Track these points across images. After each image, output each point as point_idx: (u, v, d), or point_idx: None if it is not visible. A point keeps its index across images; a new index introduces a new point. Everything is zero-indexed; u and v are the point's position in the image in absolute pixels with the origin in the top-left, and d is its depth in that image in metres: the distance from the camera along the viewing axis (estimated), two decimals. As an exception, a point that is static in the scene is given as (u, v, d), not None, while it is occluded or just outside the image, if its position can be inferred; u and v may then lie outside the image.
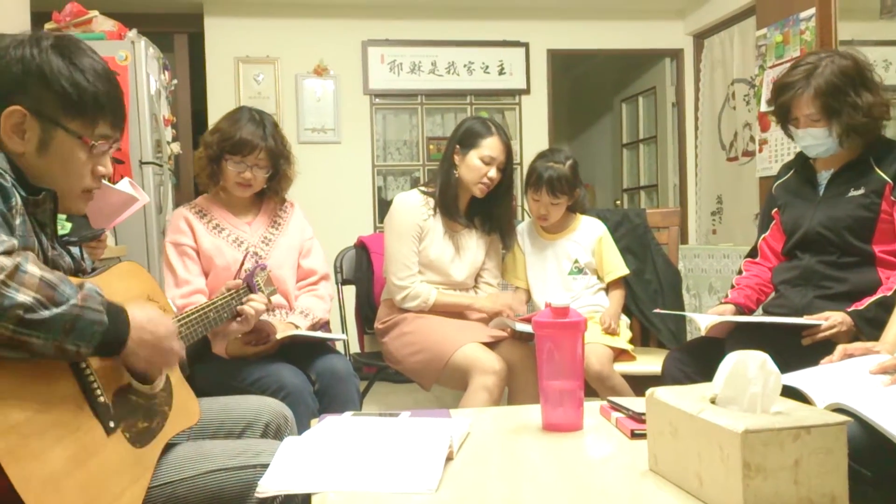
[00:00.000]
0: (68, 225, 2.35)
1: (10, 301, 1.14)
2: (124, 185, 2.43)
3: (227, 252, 2.61)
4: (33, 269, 1.19)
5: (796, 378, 1.68)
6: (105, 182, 1.80)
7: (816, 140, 2.37)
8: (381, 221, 5.45)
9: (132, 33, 4.02)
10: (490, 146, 2.85)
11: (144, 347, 1.38)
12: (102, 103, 1.46)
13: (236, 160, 2.59)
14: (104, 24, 3.98)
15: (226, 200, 2.71)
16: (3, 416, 1.14)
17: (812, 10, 4.35)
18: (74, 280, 1.27)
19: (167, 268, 2.61)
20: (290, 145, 2.75)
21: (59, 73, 1.42)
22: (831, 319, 2.19)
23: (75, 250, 1.63)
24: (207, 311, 1.84)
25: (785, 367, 1.34)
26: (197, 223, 2.64)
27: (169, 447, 1.55)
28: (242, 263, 2.27)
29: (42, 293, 1.17)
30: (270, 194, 2.75)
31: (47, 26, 3.90)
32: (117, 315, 1.33)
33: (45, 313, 1.17)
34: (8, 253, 1.18)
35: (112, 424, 1.36)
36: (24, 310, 1.15)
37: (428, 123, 5.95)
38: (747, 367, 1.27)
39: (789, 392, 1.43)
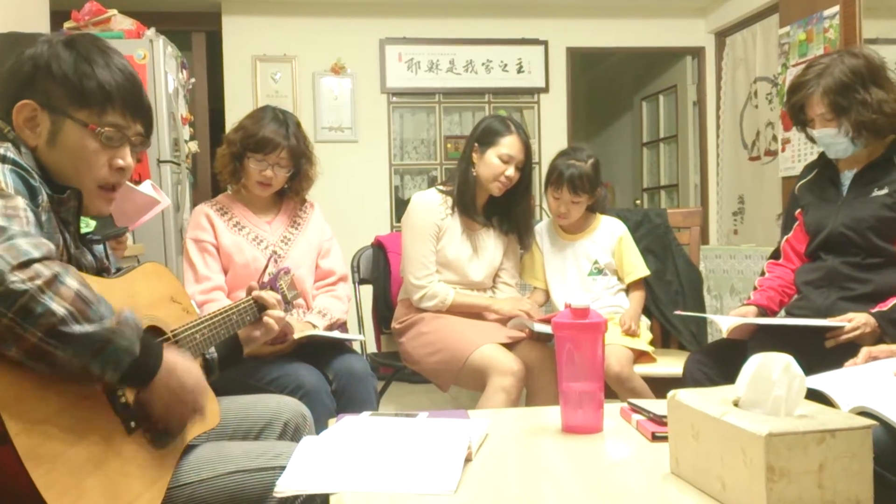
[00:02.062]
0: (93, 223, 2.36)
1: (44, 308, 1.14)
2: (146, 186, 2.44)
3: (247, 250, 2.62)
4: (72, 281, 1.19)
5: (820, 381, 1.66)
6: (127, 182, 1.80)
7: (832, 140, 2.36)
8: (398, 221, 5.43)
9: (150, 32, 4.03)
10: (508, 145, 2.84)
11: (168, 392, 1.37)
12: (110, 92, 1.47)
13: (258, 158, 2.60)
14: (123, 22, 4.00)
15: (247, 198, 2.72)
16: (26, 414, 1.15)
17: (836, 8, 4.31)
18: (103, 290, 1.27)
19: (187, 264, 2.63)
20: (313, 146, 2.76)
21: (64, 64, 1.45)
22: (855, 321, 2.17)
23: (99, 249, 1.64)
24: (230, 314, 1.83)
25: (808, 369, 1.32)
26: (218, 220, 2.65)
27: (189, 448, 1.55)
28: (266, 267, 2.27)
29: (75, 307, 1.18)
30: (291, 194, 2.77)
31: (66, 25, 3.92)
32: (151, 349, 1.33)
33: (77, 328, 1.17)
34: (46, 259, 1.19)
35: (133, 425, 1.36)
36: (55, 319, 1.15)
37: (445, 122, 5.94)
38: (771, 369, 1.26)
39: (813, 395, 1.41)
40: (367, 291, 3.43)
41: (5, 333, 1.13)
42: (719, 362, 2.39)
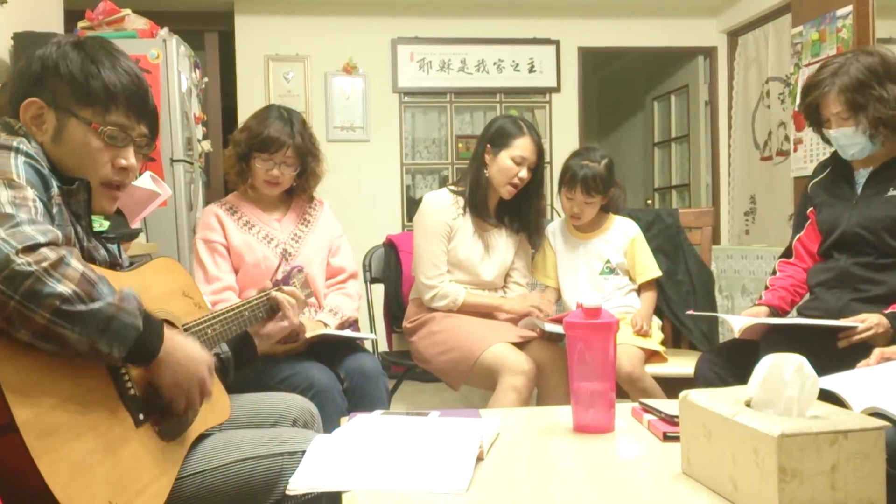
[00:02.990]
0: (106, 223, 2.38)
1: (50, 290, 1.16)
2: (145, 179, 2.45)
3: (257, 249, 2.62)
4: (77, 264, 1.22)
5: (832, 381, 1.65)
6: None
7: (849, 139, 2.34)
8: (410, 220, 5.45)
9: (164, 31, 4.05)
10: (521, 146, 2.83)
11: (174, 365, 1.40)
12: (114, 92, 1.49)
13: (264, 158, 2.61)
14: (136, 22, 4.01)
15: (255, 198, 2.73)
16: (34, 403, 1.16)
17: (849, 8, 4.28)
18: (113, 282, 1.29)
19: (197, 264, 2.63)
20: (319, 143, 2.76)
21: (71, 64, 1.48)
22: (868, 321, 2.16)
23: (112, 246, 1.66)
24: (242, 310, 1.84)
25: (821, 370, 1.32)
26: (227, 220, 2.66)
27: (198, 438, 1.57)
28: (279, 266, 2.27)
29: (81, 287, 1.20)
30: (299, 192, 2.76)
31: (80, 24, 3.94)
32: (153, 325, 1.35)
33: (82, 307, 1.19)
34: (52, 244, 1.21)
35: (141, 417, 1.38)
36: (61, 300, 1.17)
37: (457, 122, 5.94)
38: (784, 370, 1.25)
39: (825, 396, 1.40)
40: (378, 290, 3.44)
41: (14, 316, 1.15)
42: (731, 362, 2.38)
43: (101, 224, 1.91)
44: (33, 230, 1.20)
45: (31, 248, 1.17)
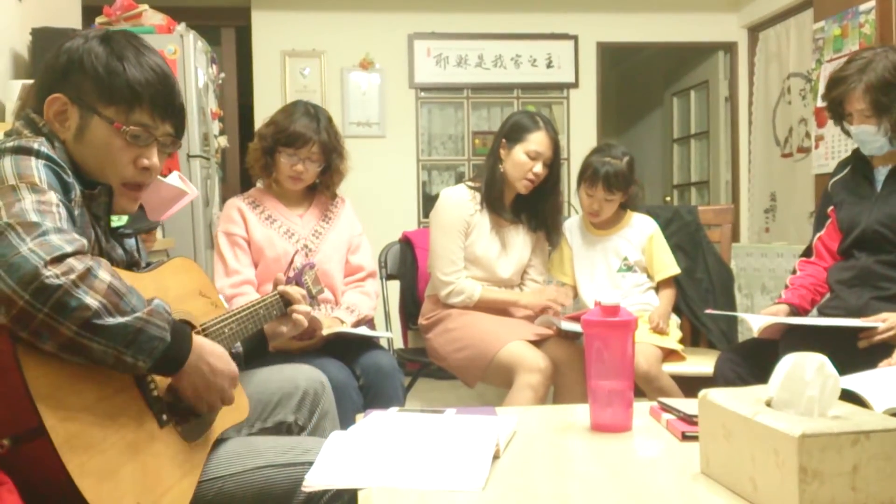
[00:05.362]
0: (125, 217, 2.38)
1: (78, 302, 1.16)
2: (174, 178, 2.46)
3: (278, 243, 2.64)
4: (104, 274, 1.21)
5: (853, 381, 1.64)
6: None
7: (869, 137, 2.33)
8: (426, 216, 5.44)
9: (181, 27, 4.06)
10: (536, 141, 2.82)
11: (198, 376, 1.39)
12: (139, 91, 1.46)
13: (289, 153, 2.62)
14: (153, 17, 4.02)
15: (278, 192, 2.74)
16: (61, 406, 1.16)
17: (872, 3, 4.24)
18: (135, 285, 1.28)
19: (218, 257, 2.65)
20: (344, 141, 2.77)
21: (96, 60, 1.45)
22: (889, 321, 2.15)
23: (130, 243, 1.65)
24: (257, 308, 1.84)
25: (841, 369, 1.30)
26: (250, 214, 2.67)
27: (218, 442, 1.56)
28: (291, 262, 2.27)
29: (108, 299, 1.19)
30: (322, 188, 2.77)
31: (98, 20, 3.95)
32: (181, 335, 1.34)
33: (110, 320, 1.19)
34: (79, 253, 1.20)
35: (165, 417, 1.38)
36: (89, 313, 1.16)
37: (474, 117, 5.92)
38: (805, 369, 1.24)
39: (846, 396, 1.38)
40: (394, 287, 3.43)
41: (41, 328, 1.14)
42: (751, 361, 2.36)
43: (119, 218, 1.91)
44: (60, 239, 1.19)
45: (59, 259, 1.16)
